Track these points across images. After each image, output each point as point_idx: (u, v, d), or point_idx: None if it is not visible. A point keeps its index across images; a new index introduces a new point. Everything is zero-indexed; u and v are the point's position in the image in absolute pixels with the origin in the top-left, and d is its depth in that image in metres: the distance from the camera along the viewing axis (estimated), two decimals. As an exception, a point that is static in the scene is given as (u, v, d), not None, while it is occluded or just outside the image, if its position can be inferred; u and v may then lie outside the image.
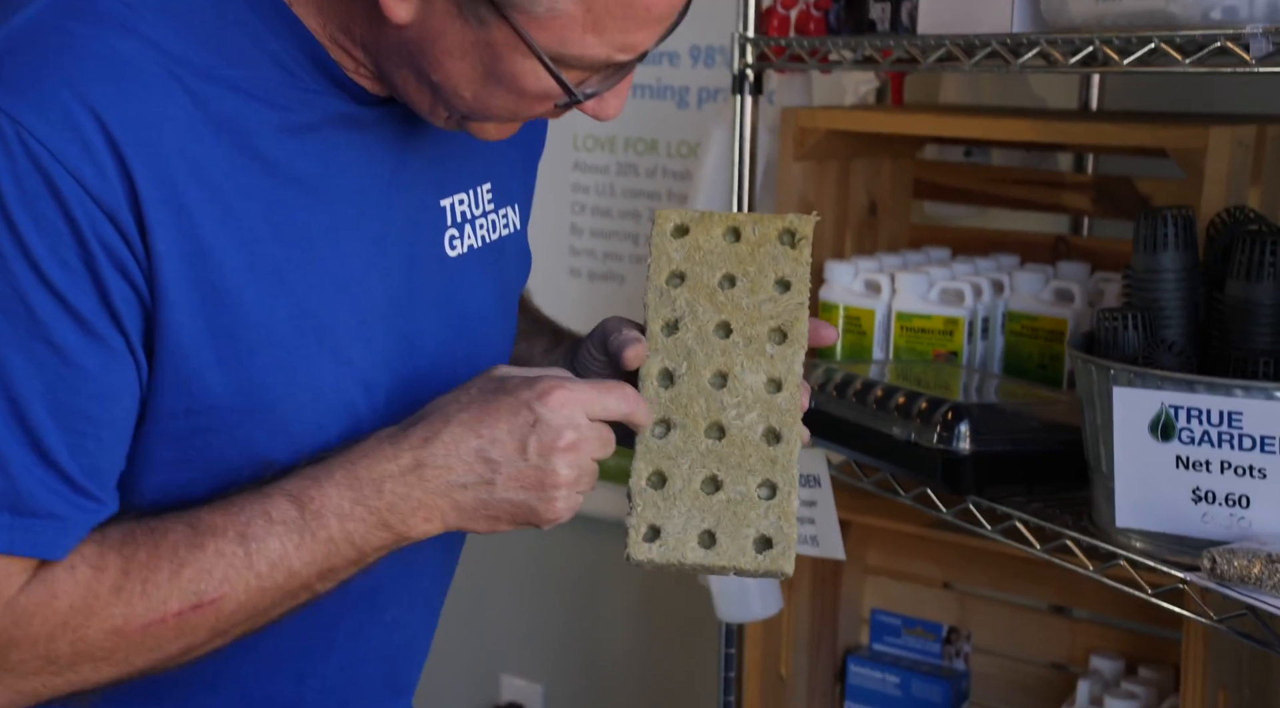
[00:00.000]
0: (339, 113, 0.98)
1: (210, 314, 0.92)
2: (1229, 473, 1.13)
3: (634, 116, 2.34)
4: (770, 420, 0.99)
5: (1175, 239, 1.28)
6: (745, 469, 0.98)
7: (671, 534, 0.97)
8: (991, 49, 1.34)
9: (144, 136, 0.88)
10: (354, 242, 0.98)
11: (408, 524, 0.94)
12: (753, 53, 1.66)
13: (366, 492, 0.93)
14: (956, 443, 1.33)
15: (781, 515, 0.97)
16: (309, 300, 0.96)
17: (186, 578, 0.91)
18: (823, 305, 1.67)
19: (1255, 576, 1.06)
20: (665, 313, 1.03)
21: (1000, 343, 1.64)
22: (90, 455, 0.90)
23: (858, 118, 1.71)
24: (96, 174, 0.86)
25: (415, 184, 1.03)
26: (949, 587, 1.87)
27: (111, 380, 0.90)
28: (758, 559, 0.96)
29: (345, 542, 0.94)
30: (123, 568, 0.91)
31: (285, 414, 0.96)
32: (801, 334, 1.01)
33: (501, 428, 0.93)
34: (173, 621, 0.91)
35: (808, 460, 1.60)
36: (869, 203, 1.82)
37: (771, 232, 1.03)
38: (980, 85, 1.92)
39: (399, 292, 1.02)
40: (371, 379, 1.00)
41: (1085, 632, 1.78)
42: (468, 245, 1.07)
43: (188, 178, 0.90)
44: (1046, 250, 1.78)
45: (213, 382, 0.93)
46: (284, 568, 0.93)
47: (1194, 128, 1.40)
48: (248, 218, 0.93)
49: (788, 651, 1.82)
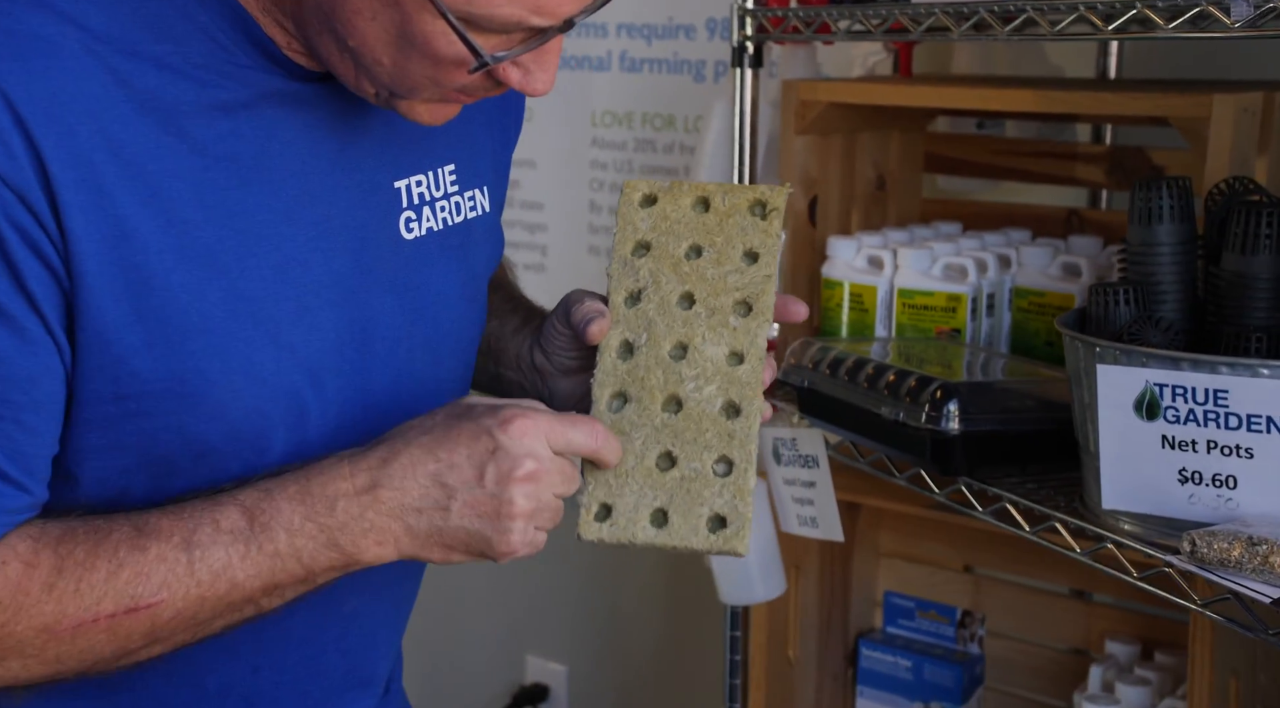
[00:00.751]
0: (275, 89, 0.95)
1: (136, 298, 0.90)
2: (1215, 453, 1.09)
3: (651, 91, 2.32)
4: (730, 394, 0.96)
5: (1171, 211, 1.24)
6: (701, 445, 0.95)
7: (623, 513, 0.95)
8: (980, 18, 1.30)
9: (55, 115, 0.86)
10: (294, 223, 0.96)
11: (358, 546, 0.92)
12: (751, 24, 1.63)
13: (318, 508, 0.91)
14: (945, 423, 1.30)
15: (737, 493, 0.94)
16: (244, 283, 0.93)
17: (124, 580, 0.89)
18: (825, 282, 1.64)
19: (1235, 558, 1.02)
20: (628, 283, 1.00)
21: (1007, 320, 1.60)
22: (11, 439, 0.89)
23: (860, 90, 1.67)
24: (4, 153, 0.84)
25: (363, 165, 1.01)
26: (969, 570, 1.84)
27: (28, 364, 0.88)
28: (710, 539, 0.93)
29: (292, 558, 0.92)
30: (56, 566, 0.89)
31: (221, 400, 0.93)
32: (767, 307, 0.98)
33: (460, 453, 0.91)
34: (105, 623, 0.89)
35: (807, 441, 1.57)
36: (877, 177, 1.78)
37: (742, 202, 1.00)
38: (994, 55, 1.87)
39: (346, 275, 0.99)
40: (317, 365, 0.98)
41: (1102, 616, 1.74)
42: (426, 227, 1.05)
43: (106, 158, 0.88)
44: (1061, 224, 1.73)
45: (141, 367, 0.91)
46: (226, 579, 0.91)
47: (1197, 96, 1.35)
48: (175, 199, 0.90)
49: (795, 633, 1.79)
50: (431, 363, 1.06)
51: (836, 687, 1.87)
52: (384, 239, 1.02)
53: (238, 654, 1.03)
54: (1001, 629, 1.81)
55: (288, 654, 1.05)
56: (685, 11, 2.26)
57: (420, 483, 0.91)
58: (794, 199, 1.69)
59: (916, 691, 1.81)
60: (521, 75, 0.91)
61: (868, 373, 1.39)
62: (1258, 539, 1.01)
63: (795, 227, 1.69)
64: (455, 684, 2.70)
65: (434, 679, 2.69)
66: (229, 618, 0.93)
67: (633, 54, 2.33)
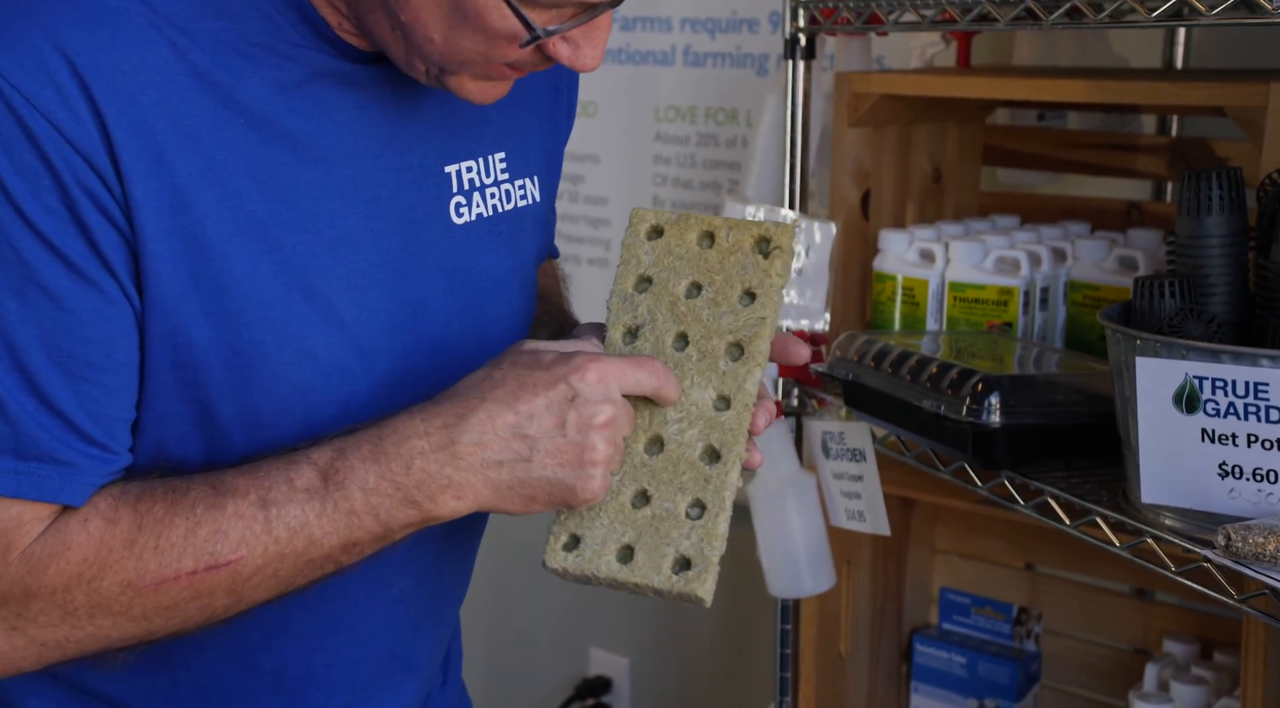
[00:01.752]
0: (328, 69, 0.97)
1: (193, 267, 0.92)
2: (1256, 447, 1.07)
3: (714, 85, 2.32)
4: (711, 439, 0.95)
5: (1221, 202, 1.21)
6: (676, 486, 0.94)
7: (590, 545, 0.94)
8: (1025, 6, 1.29)
9: (118, 83, 0.88)
10: (345, 202, 0.98)
11: (435, 502, 0.92)
12: (804, 16, 1.62)
13: (394, 467, 0.92)
14: (986, 416, 1.28)
15: (705, 537, 0.92)
16: (296, 259, 0.95)
17: (202, 537, 0.91)
18: (877, 275, 1.63)
19: (1270, 553, 1.00)
20: (626, 319, 0.99)
21: (1062, 314, 1.58)
22: (95, 402, 0.91)
23: (914, 81, 1.65)
24: (71, 118, 0.87)
25: (414, 148, 1.02)
26: (1029, 568, 1.82)
27: (108, 325, 0.90)
28: (672, 580, 0.92)
29: (369, 515, 0.92)
30: (136, 523, 0.91)
31: (274, 372, 0.95)
32: (759, 351, 0.96)
33: (539, 403, 0.91)
34: (186, 580, 0.91)
35: (853, 435, 1.57)
36: (933, 170, 1.77)
37: (746, 240, 0.98)
38: (1057, 46, 1.84)
39: (397, 256, 1.01)
40: (368, 344, 0.99)
41: (1161, 614, 1.71)
42: (476, 213, 1.06)
43: (167, 128, 0.90)
44: (1121, 217, 1.70)
45: (198, 336, 0.93)
46: (304, 536, 0.92)
47: (1254, 85, 1.32)
48: (231, 172, 0.93)
49: (847, 628, 1.79)
50: (482, 348, 1.07)
51: (890, 682, 1.86)
52: (434, 222, 1.03)
53: (291, 635, 1.04)
54: (1059, 627, 1.79)
55: (339, 636, 1.06)
56: (748, 5, 2.25)
57: (500, 436, 0.91)
58: (847, 192, 1.69)
59: (971, 687, 1.80)
60: (571, 51, 0.92)
61: (911, 366, 1.38)
62: (1293, 534, 0.99)
63: (848, 219, 1.68)
64: (519, 677, 2.73)
65: (497, 672, 2.72)
66: (311, 574, 0.94)
67: (696, 48, 2.33)
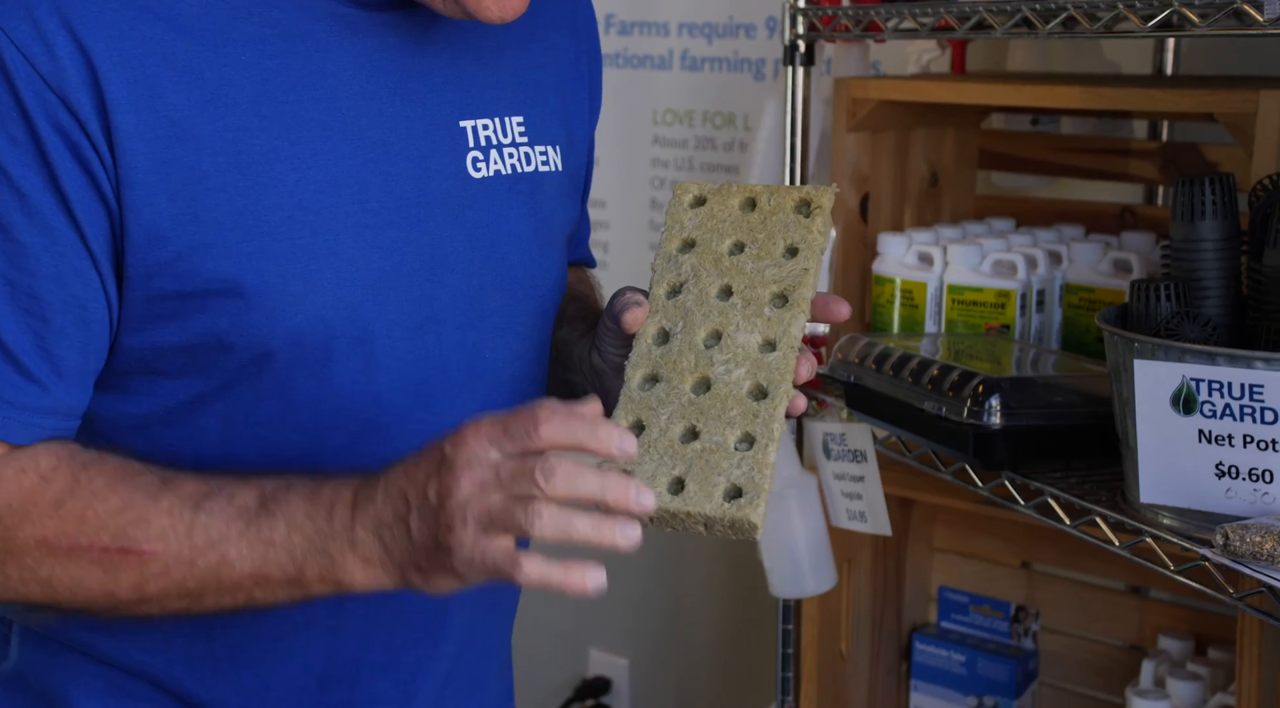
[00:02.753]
0: (328, 13, 0.99)
1: (191, 198, 0.93)
2: (1251, 447, 1.09)
3: (712, 90, 2.34)
4: (758, 377, 0.97)
5: (1214, 207, 1.24)
6: (725, 421, 0.95)
7: (641, 479, 0.94)
8: (1022, 15, 1.31)
9: (106, 19, 0.90)
10: (350, 142, 0.99)
11: (345, 558, 0.90)
12: (803, 23, 1.65)
13: (320, 511, 0.91)
14: (987, 417, 1.31)
15: (755, 466, 0.93)
16: (301, 194, 0.96)
17: (127, 519, 0.91)
18: (876, 278, 1.66)
19: (1268, 552, 1.02)
20: (670, 277, 1.02)
21: (1058, 316, 1.60)
22: (37, 336, 0.91)
23: (911, 87, 1.68)
24: (47, 55, 0.88)
25: (426, 100, 1.03)
26: (1026, 566, 1.84)
27: (56, 261, 0.91)
28: (724, 507, 0.92)
29: (285, 551, 0.91)
30: (70, 487, 0.92)
31: (278, 303, 0.96)
32: (803, 299, 0.99)
33: (420, 469, 0.89)
34: (97, 554, 0.91)
35: (855, 436, 1.59)
36: (930, 174, 1.79)
37: (787, 202, 1.02)
38: (1050, 52, 1.87)
39: (410, 202, 1.01)
40: (380, 284, 1.00)
41: (1157, 611, 1.74)
42: (494, 170, 1.07)
43: (160, 63, 0.92)
44: (1115, 221, 1.73)
45: (200, 266, 0.94)
46: (218, 552, 0.91)
47: (1244, 92, 1.35)
48: (231, 106, 0.94)
49: (847, 627, 1.81)
50: (505, 302, 1.07)
51: (890, 680, 1.88)
52: (449, 173, 1.04)
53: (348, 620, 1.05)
54: (1056, 625, 1.81)
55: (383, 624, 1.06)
56: (745, 10, 2.28)
57: (392, 499, 0.89)
58: (846, 196, 1.71)
59: (970, 685, 1.82)
60: None
61: (912, 368, 1.41)
62: (1290, 533, 1.02)
63: (847, 223, 1.71)
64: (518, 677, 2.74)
65: (499, 670, 2.73)
66: (219, 599, 0.93)
67: (693, 53, 2.36)
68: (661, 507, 0.93)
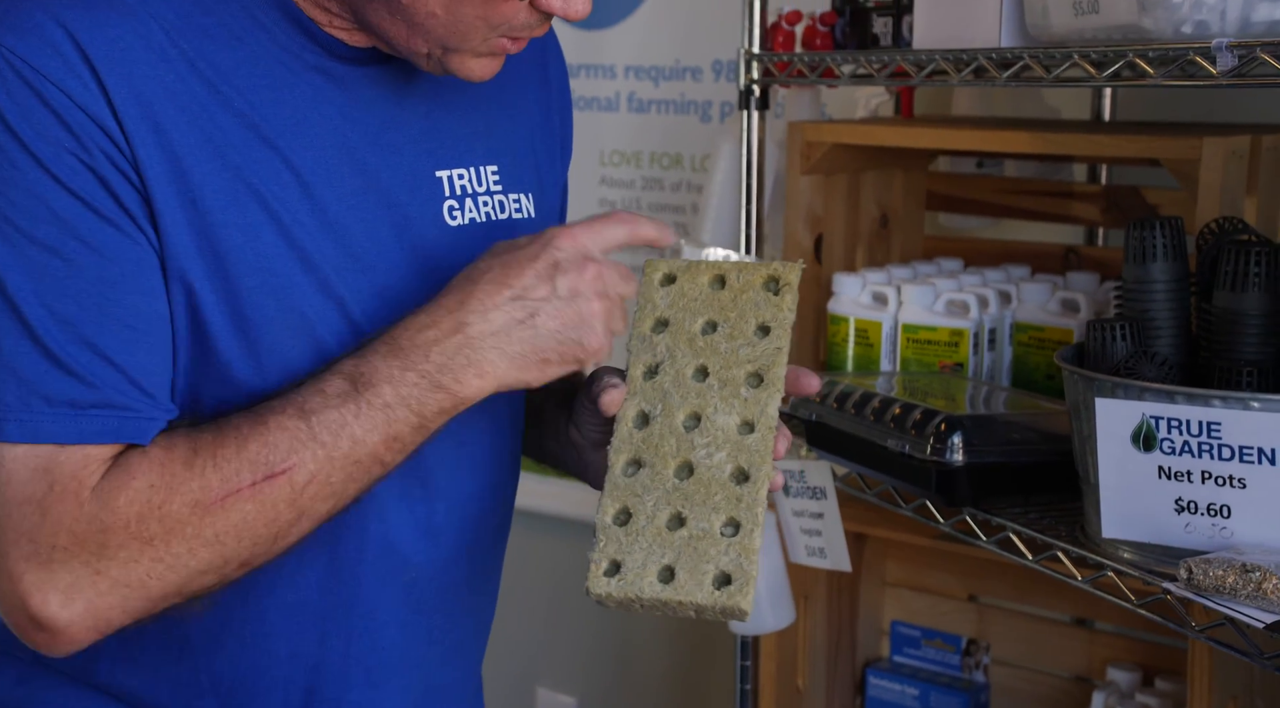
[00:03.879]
0: (315, 65, 1.03)
1: (196, 231, 0.97)
2: (1210, 483, 1.13)
3: (659, 131, 2.37)
4: (739, 460, 0.99)
5: (1165, 249, 1.28)
6: (710, 507, 0.97)
7: (631, 569, 0.97)
8: (978, 63, 1.35)
9: (116, 57, 0.94)
10: (334, 187, 1.03)
11: (460, 382, 0.98)
12: (758, 68, 1.68)
13: (414, 358, 0.97)
14: (950, 455, 1.34)
15: (742, 552, 0.95)
16: (293, 233, 1.00)
17: (253, 451, 0.96)
18: (831, 317, 1.69)
19: (1230, 585, 1.06)
20: (646, 358, 1.04)
21: (1008, 354, 1.64)
22: (144, 352, 0.96)
23: (863, 131, 1.72)
24: (79, 85, 0.93)
25: (404, 150, 1.07)
26: (974, 600, 1.88)
27: (147, 274, 0.96)
28: (715, 595, 0.94)
29: (402, 406, 0.97)
30: (191, 447, 0.96)
31: (279, 337, 1.00)
32: (778, 378, 1.01)
33: (528, 275, 0.98)
34: (248, 492, 0.95)
35: (814, 473, 1.62)
36: (881, 215, 1.83)
37: (756, 279, 1.04)
38: (993, 97, 1.92)
39: (389, 248, 1.05)
40: (365, 326, 1.03)
41: (1105, 643, 1.78)
42: (470, 217, 1.10)
43: (164, 101, 0.96)
44: (1059, 261, 1.78)
45: (206, 296, 0.98)
46: (347, 436, 0.96)
47: (1188, 139, 1.40)
48: (226, 149, 0.98)
49: (804, 662, 1.83)
50: None
51: (845, 715, 1.91)
52: (427, 221, 1.08)
53: (307, 620, 1.07)
54: (1006, 657, 1.85)
55: (352, 624, 1.09)
56: (692, 54, 2.31)
57: (502, 309, 0.98)
58: (800, 236, 1.74)
59: (924, 718, 1.85)
60: (562, 1, 0.98)
61: (874, 406, 1.44)
62: (1251, 566, 1.06)
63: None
64: (466, 716, 2.73)
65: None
66: (361, 480, 0.99)
67: (640, 95, 2.39)
68: (653, 596, 0.96)
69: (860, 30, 1.68)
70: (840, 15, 1.70)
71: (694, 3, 2.30)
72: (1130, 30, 1.17)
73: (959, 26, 1.40)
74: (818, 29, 1.74)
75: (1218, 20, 1.11)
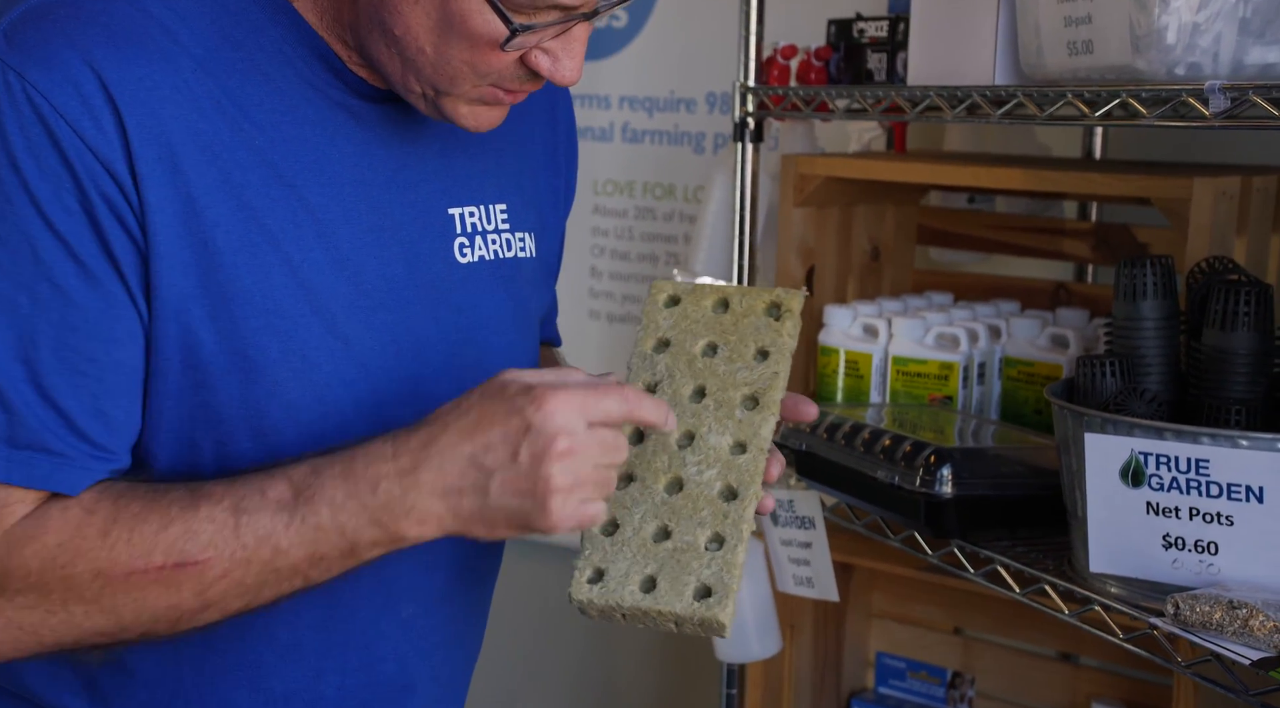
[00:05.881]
0: (338, 102, 1.04)
1: (203, 272, 0.97)
2: (1198, 520, 1.14)
3: (652, 162, 2.39)
4: (729, 478, 1.00)
5: (1155, 288, 1.30)
6: (696, 521, 0.98)
7: (614, 577, 0.98)
8: (972, 101, 1.37)
9: (141, 96, 0.95)
10: (350, 225, 1.03)
11: (399, 525, 0.95)
12: (753, 101, 1.70)
13: (361, 488, 0.94)
14: (939, 487, 1.35)
15: (725, 567, 0.96)
16: (304, 272, 1.00)
17: (173, 534, 0.94)
18: (821, 349, 1.70)
19: (1216, 621, 1.06)
20: (645, 377, 1.05)
21: (997, 388, 1.66)
22: (94, 398, 0.95)
23: (856, 165, 1.74)
24: (94, 127, 0.93)
25: (419, 188, 1.08)
26: (959, 633, 1.88)
27: (112, 324, 0.95)
28: (694, 606, 0.95)
29: (335, 531, 0.95)
30: (112, 516, 0.95)
31: (279, 378, 0.99)
32: (773, 402, 1.02)
33: (495, 434, 0.93)
34: (155, 573, 0.94)
35: (803, 503, 1.62)
36: (872, 248, 1.84)
37: (759, 304, 1.05)
38: (985, 133, 1.94)
39: (401, 285, 1.06)
40: (372, 363, 1.03)
41: (1089, 678, 1.78)
42: (479, 255, 1.11)
43: (185, 141, 0.96)
44: (1049, 296, 1.79)
45: (206, 338, 0.98)
46: (270, 545, 0.94)
47: (1178, 178, 1.42)
48: (245, 187, 0.98)
49: (789, 692, 1.83)
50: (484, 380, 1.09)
51: (829, 746, 1.90)
52: (438, 259, 1.09)
53: (302, 658, 1.07)
54: (991, 691, 1.85)
55: (348, 658, 1.09)
56: (686, 85, 2.33)
57: (459, 465, 0.93)
58: (792, 268, 1.76)
59: (907, 750, 1.85)
60: (551, 63, 0.98)
61: (864, 437, 1.44)
62: (1238, 603, 1.06)
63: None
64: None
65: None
66: (278, 587, 0.96)
67: (635, 125, 2.40)
68: (634, 604, 0.96)
69: (855, 66, 1.70)
70: (835, 50, 1.72)
71: (689, 35, 2.32)
72: (1124, 71, 1.19)
73: (953, 64, 1.42)
74: (812, 63, 1.75)
75: (1210, 63, 1.13)
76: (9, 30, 0.94)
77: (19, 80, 0.92)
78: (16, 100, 0.92)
